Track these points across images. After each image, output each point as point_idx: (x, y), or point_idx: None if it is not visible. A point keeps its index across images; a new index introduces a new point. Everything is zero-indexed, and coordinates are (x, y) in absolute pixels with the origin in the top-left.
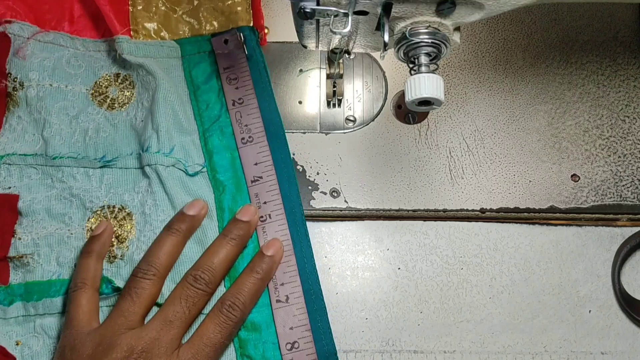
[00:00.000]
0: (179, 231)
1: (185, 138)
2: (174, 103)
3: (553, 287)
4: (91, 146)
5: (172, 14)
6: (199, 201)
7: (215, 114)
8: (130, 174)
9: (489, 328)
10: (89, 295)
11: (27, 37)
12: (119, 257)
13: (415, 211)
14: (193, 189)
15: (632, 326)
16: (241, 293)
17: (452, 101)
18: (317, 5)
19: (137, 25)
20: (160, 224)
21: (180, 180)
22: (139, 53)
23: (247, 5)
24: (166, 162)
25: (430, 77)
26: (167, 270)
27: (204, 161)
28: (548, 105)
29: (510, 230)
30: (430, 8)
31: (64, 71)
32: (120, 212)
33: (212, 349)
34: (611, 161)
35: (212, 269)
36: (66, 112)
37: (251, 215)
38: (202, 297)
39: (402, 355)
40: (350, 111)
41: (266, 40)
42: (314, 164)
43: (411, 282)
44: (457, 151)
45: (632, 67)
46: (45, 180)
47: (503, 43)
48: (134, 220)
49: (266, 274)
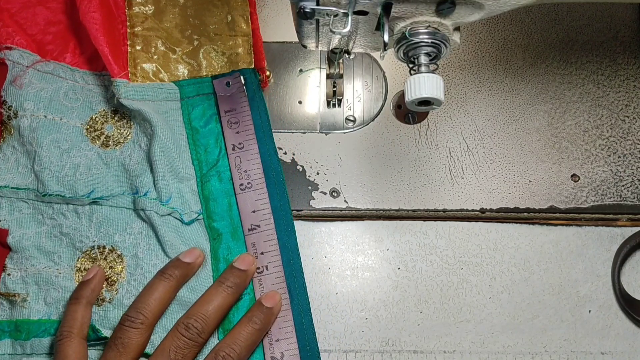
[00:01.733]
0: (172, 277)
1: (182, 185)
2: (171, 150)
3: (553, 287)
4: (81, 182)
5: (172, 54)
6: (196, 249)
7: (214, 159)
8: (122, 214)
9: (489, 328)
10: (76, 344)
11: (26, 66)
12: (107, 301)
13: (415, 211)
14: (188, 237)
15: (632, 326)
16: (237, 343)
17: (452, 101)
18: (317, 5)
19: (135, 67)
20: (152, 268)
21: (175, 229)
22: (137, 96)
23: (248, 46)
24: (162, 211)
25: (430, 77)
26: (156, 318)
27: (201, 208)
28: (548, 105)
29: (510, 230)
30: (430, 8)
31: (61, 103)
32: (110, 253)
33: None
34: (611, 161)
35: (206, 317)
36: (58, 145)
37: (248, 265)
38: (192, 349)
39: (402, 355)
40: (350, 111)
41: (267, 83)
42: (314, 164)
43: (411, 282)
44: (457, 151)
45: (632, 67)
46: (36, 215)
47: (503, 43)
48: (124, 263)
49: (264, 325)
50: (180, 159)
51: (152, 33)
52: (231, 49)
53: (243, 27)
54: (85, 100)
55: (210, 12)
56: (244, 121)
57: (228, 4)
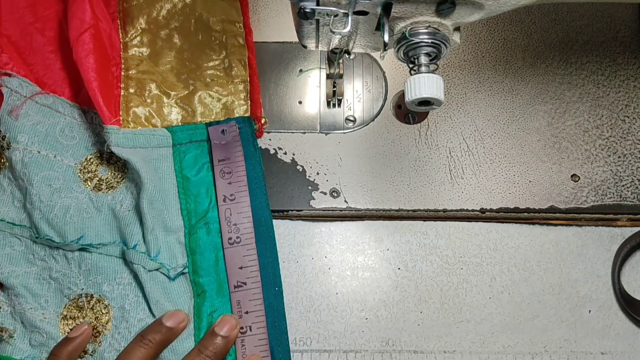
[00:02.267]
0: (152, 343)
1: (170, 237)
2: (159, 201)
3: (553, 287)
4: (71, 225)
5: (166, 98)
6: (180, 313)
7: (203, 210)
8: (111, 262)
9: (489, 328)
10: None
11: (25, 97)
12: (89, 353)
13: (415, 211)
14: (173, 293)
15: (632, 326)
16: None
17: (452, 101)
18: (317, 5)
19: (127, 112)
20: (138, 322)
21: (161, 285)
22: (128, 144)
23: (245, 93)
24: (150, 266)
25: (430, 77)
26: None
27: (187, 261)
28: (548, 105)
29: (510, 230)
30: (430, 8)
31: (56, 140)
32: (98, 303)
33: None
34: (611, 161)
35: None
36: (49, 184)
37: (230, 330)
38: None
39: (402, 355)
40: (350, 111)
41: (263, 132)
42: (314, 164)
43: (411, 282)
44: (457, 151)
45: (632, 67)
46: (27, 254)
47: (503, 43)
48: (111, 314)
49: None
50: (169, 210)
51: (147, 76)
52: (228, 95)
53: (241, 73)
54: (82, 139)
55: (207, 56)
56: (237, 171)
57: (226, 48)
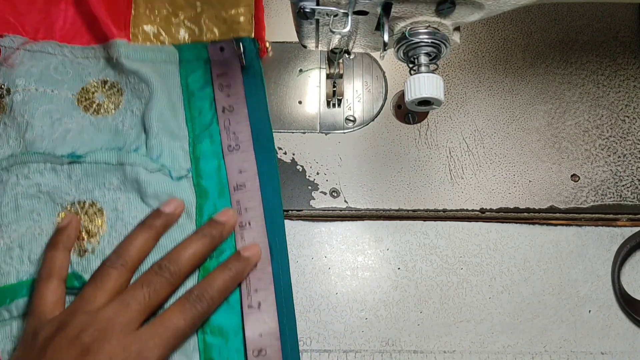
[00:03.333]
0: (153, 227)
1: (175, 143)
2: (167, 110)
3: (553, 287)
4: (68, 143)
5: (174, 18)
6: (176, 199)
7: (207, 121)
8: (100, 169)
9: (489, 328)
10: (54, 285)
11: (16, 47)
12: (89, 252)
13: (415, 211)
14: (175, 192)
15: (632, 326)
16: (211, 286)
17: (452, 101)
18: (317, 5)
19: (136, 27)
20: (133, 220)
21: (162, 184)
22: (136, 56)
23: (249, 16)
24: (151, 167)
25: (430, 77)
26: (136, 264)
27: (190, 166)
28: (548, 105)
29: (510, 230)
30: (430, 8)
31: (51, 77)
32: (91, 207)
33: (172, 334)
34: (611, 161)
35: (179, 261)
36: (50, 115)
37: (228, 218)
38: (164, 286)
39: (402, 355)
40: (350, 111)
41: (266, 52)
42: (314, 164)
43: (411, 282)
44: (457, 151)
45: (632, 67)
46: (10, 179)
47: (503, 43)
48: (105, 216)
49: (238, 273)
50: (175, 119)
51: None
52: (233, 17)
53: None
54: (75, 73)
55: None
56: (235, 85)
57: None
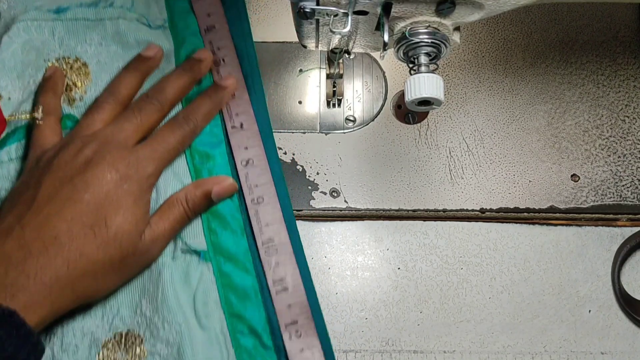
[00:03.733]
0: (137, 69)
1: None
2: None
3: (553, 287)
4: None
5: None
6: (154, 45)
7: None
8: (80, 26)
9: (489, 328)
10: (52, 123)
11: None
12: (78, 100)
13: (415, 211)
14: (155, 40)
15: (632, 326)
16: (194, 111)
17: (452, 101)
18: (317, 5)
19: None
20: (116, 70)
21: (142, 32)
22: None
23: None
24: (129, 17)
25: (430, 77)
26: (126, 101)
27: (166, 17)
28: (548, 105)
29: (510, 230)
30: (430, 8)
31: None
32: (75, 62)
33: (165, 148)
34: (611, 161)
35: (164, 91)
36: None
37: (205, 56)
38: (154, 111)
39: (402, 355)
40: (350, 111)
41: None
42: (314, 164)
43: (411, 282)
44: (457, 151)
45: (632, 67)
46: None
47: (503, 43)
48: (89, 68)
49: (219, 99)
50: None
51: None
52: None
53: None
54: None
55: None
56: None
57: None
